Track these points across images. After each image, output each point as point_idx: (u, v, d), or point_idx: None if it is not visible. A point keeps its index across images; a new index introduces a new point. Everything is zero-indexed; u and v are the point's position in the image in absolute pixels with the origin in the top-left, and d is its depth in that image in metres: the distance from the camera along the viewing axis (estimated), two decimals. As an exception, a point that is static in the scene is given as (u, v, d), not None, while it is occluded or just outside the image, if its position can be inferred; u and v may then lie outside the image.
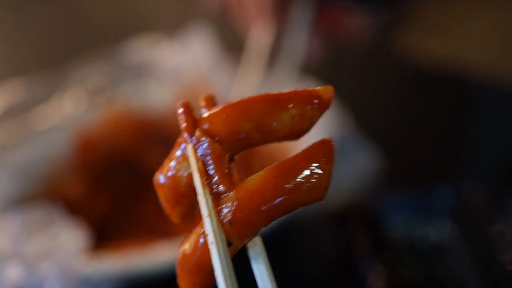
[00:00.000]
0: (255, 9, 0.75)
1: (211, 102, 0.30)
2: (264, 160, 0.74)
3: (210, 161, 0.28)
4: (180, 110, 0.29)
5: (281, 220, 0.64)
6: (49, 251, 0.51)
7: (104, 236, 0.68)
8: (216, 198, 0.28)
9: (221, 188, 0.28)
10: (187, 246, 0.29)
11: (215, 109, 0.29)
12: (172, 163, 0.30)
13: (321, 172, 0.27)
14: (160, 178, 0.30)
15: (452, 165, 0.85)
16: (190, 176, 0.29)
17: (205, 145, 0.28)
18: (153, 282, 0.57)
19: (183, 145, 0.29)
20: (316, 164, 0.27)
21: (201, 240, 0.28)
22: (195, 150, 0.29)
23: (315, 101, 0.28)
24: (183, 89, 0.83)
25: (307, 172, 0.27)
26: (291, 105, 0.27)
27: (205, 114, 0.29)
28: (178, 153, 0.30)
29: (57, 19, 1.32)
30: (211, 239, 0.28)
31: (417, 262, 0.67)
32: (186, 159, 0.29)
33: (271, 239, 0.62)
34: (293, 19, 0.77)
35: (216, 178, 0.28)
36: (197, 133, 0.29)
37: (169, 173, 0.30)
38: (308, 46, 0.77)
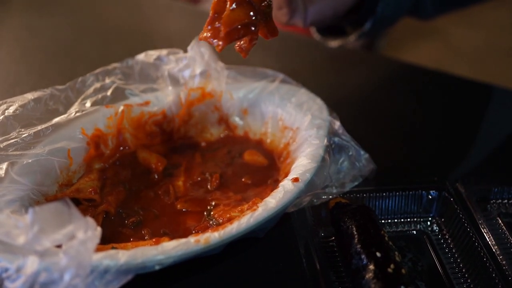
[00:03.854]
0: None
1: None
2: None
3: None
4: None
5: (275, 218, 0.67)
6: (62, 244, 0.53)
7: (114, 231, 0.71)
8: None
9: None
10: None
11: None
12: None
13: None
14: None
15: (438, 164, 0.88)
16: None
17: None
18: (159, 271, 0.59)
19: None
20: None
21: None
22: None
23: None
24: (186, 92, 0.86)
25: None
26: None
27: None
28: None
29: (84, 31, 1.32)
30: None
31: (406, 257, 0.69)
32: None
33: (265, 236, 0.66)
34: None
35: None
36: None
37: None
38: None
